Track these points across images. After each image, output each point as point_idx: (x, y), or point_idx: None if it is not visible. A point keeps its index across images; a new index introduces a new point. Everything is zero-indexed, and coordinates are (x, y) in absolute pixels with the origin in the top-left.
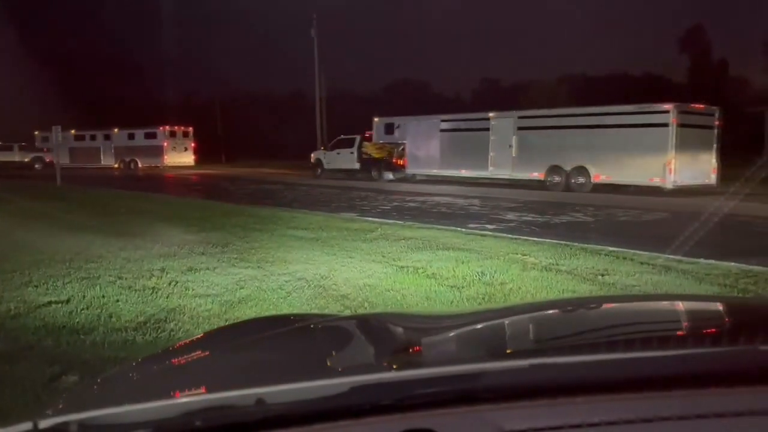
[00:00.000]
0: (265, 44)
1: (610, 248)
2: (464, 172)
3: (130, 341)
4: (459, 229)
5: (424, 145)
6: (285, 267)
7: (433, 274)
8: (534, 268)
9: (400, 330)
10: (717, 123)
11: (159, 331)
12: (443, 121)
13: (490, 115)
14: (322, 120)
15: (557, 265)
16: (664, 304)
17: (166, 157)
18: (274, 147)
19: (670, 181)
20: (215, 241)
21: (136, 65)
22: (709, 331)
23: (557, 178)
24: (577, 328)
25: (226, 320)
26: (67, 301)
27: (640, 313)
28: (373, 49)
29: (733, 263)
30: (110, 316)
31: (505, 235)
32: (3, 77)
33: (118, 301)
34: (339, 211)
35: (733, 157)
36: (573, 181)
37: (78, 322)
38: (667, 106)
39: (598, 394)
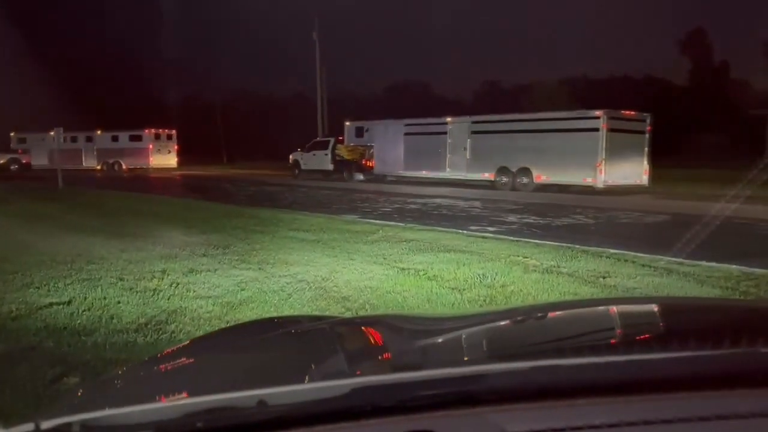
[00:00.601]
0: (268, 46)
1: (612, 250)
2: (425, 173)
3: (132, 343)
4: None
5: (390, 148)
6: (286, 269)
7: (434, 276)
8: (536, 270)
9: (401, 332)
10: (648, 128)
11: (160, 332)
12: (407, 125)
13: (448, 119)
14: (323, 121)
15: (558, 267)
16: (665, 307)
17: (151, 159)
18: (276, 148)
19: (601, 181)
20: (216, 243)
21: (137, 66)
22: (710, 333)
23: (505, 179)
24: (579, 331)
25: (227, 322)
26: (69, 303)
27: (641, 315)
28: (374, 51)
29: (734, 266)
30: (111, 318)
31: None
32: None
33: (119, 302)
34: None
35: (735, 159)
36: (518, 181)
37: (79, 324)
38: (597, 113)
39: (599, 397)
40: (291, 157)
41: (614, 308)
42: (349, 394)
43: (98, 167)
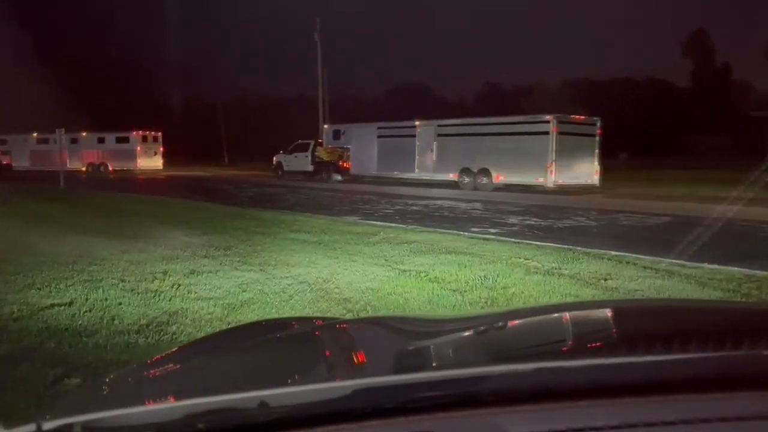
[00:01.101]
0: (270, 48)
1: (613, 252)
2: (396, 174)
3: (133, 344)
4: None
5: (364, 150)
6: (288, 270)
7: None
8: (537, 272)
9: (402, 333)
10: (598, 132)
11: (161, 333)
12: (379, 128)
13: (416, 123)
14: (325, 122)
15: (560, 269)
16: (667, 308)
17: (139, 161)
18: (276, 149)
19: (551, 181)
20: (217, 244)
21: (138, 67)
22: (711, 335)
23: (467, 179)
24: (580, 332)
25: (229, 323)
26: (70, 304)
27: (642, 317)
28: (376, 53)
29: (736, 268)
30: (113, 319)
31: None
32: None
33: (120, 303)
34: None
35: (736, 161)
36: (479, 181)
37: (81, 325)
38: (547, 117)
39: (601, 398)
40: (275, 158)
41: (615, 310)
42: (350, 395)
43: (83, 169)
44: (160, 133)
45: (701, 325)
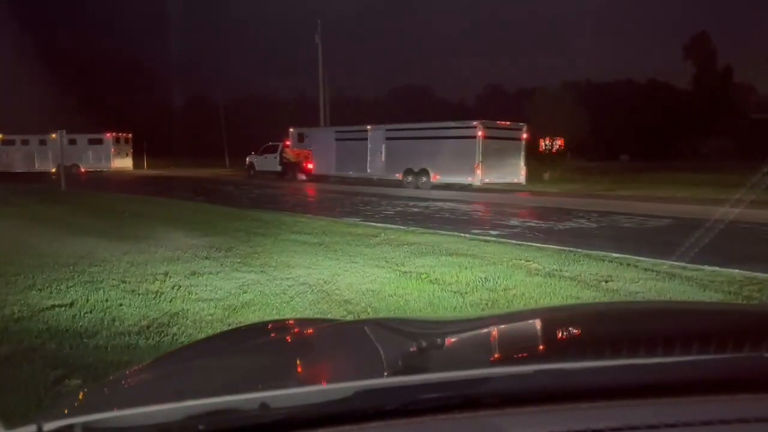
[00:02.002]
0: (272, 48)
1: (614, 254)
2: (351, 174)
3: (134, 345)
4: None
5: (324, 152)
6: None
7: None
8: (538, 274)
9: (403, 335)
10: (524, 136)
11: (162, 335)
12: (337, 131)
13: (368, 127)
14: (326, 123)
15: (560, 271)
16: (668, 311)
17: (113, 162)
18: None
19: (478, 180)
20: (218, 245)
21: (141, 68)
22: (713, 337)
23: (410, 178)
24: (581, 334)
25: (229, 324)
26: (71, 305)
27: (644, 319)
28: (378, 54)
29: (737, 270)
30: (113, 320)
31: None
32: None
33: (121, 304)
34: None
35: (738, 163)
36: (420, 180)
37: (81, 326)
38: (474, 123)
39: (602, 400)
40: (247, 159)
41: (616, 312)
42: (351, 397)
43: (53, 170)
44: (130, 135)
45: (702, 327)
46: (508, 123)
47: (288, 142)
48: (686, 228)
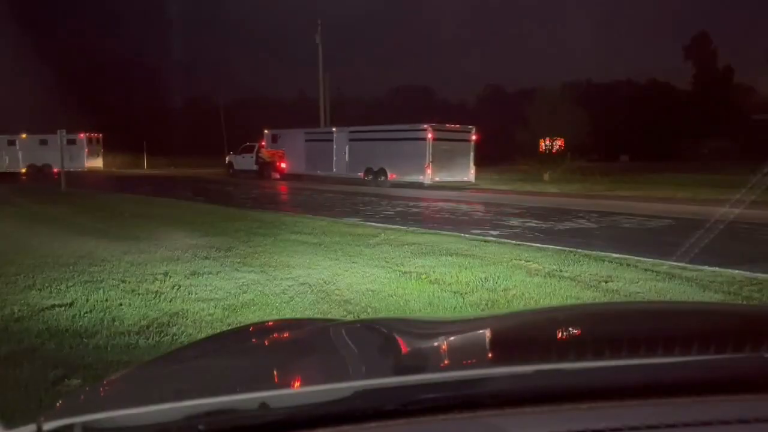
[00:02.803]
0: (272, 49)
1: (614, 255)
2: (319, 173)
3: (133, 345)
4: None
5: (296, 152)
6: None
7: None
8: (538, 274)
9: (403, 335)
10: (473, 138)
11: (162, 335)
12: (306, 133)
13: (333, 129)
14: (326, 123)
15: (560, 271)
16: (668, 311)
17: (86, 162)
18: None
19: (428, 179)
20: (218, 245)
21: (141, 68)
22: (713, 338)
23: (370, 177)
24: (581, 334)
25: (229, 324)
26: (71, 305)
27: (644, 319)
28: (378, 54)
29: (737, 271)
30: (113, 320)
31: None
32: None
33: (121, 304)
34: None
35: (739, 164)
36: (378, 179)
37: (81, 326)
38: (424, 126)
39: (602, 401)
40: (227, 158)
41: (615, 312)
42: (350, 397)
43: (23, 170)
44: (101, 135)
45: (702, 327)
46: (457, 126)
47: (263, 143)
48: (686, 228)
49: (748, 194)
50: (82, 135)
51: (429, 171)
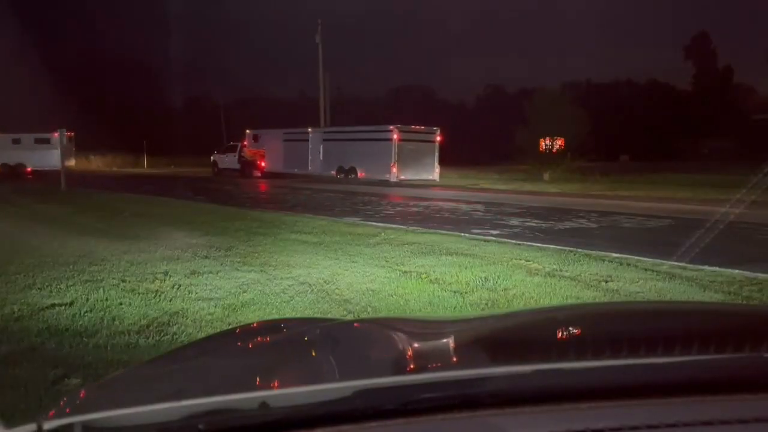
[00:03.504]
0: (273, 48)
1: (615, 254)
2: (296, 171)
3: (133, 344)
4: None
5: (275, 151)
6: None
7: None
8: (538, 274)
9: (403, 334)
10: (437, 139)
11: (162, 334)
12: (285, 133)
13: (309, 130)
14: (326, 123)
15: (560, 270)
16: (668, 311)
17: (65, 161)
18: None
19: (394, 177)
20: (218, 245)
21: (142, 68)
22: (713, 338)
23: (342, 175)
24: (581, 334)
25: (229, 324)
26: (71, 304)
27: (644, 319)
28: (379, 53)
29: (737, 270)
30: (113, 319)
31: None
32: None
33: (121, 304)
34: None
35: (739, 164)
36: (349, 176)
37: (81, 325)
38: (390, 127)
39: (602, 400)
40: (212, 157)
41: (615, 312)
42: (350, 396)
43: None
44: (72, 133)
45: (702, 327)
46: (422, 127)
47: (246, 143)
48: (686, 228)
49: (748, 194)
50: (56, 134)
51: (394, 170)
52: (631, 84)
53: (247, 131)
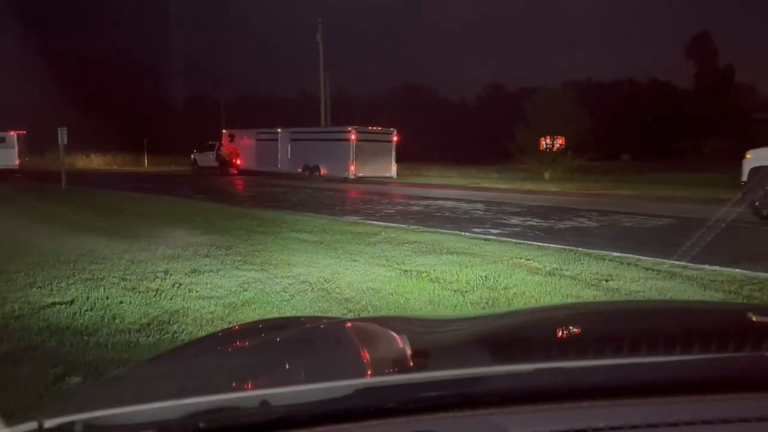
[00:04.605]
0: (273, 47)
1: (615, 253)
2: (267, 168)
3: (134, 343)
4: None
5: (249, 150)
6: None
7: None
8: (538, 273)
9: (404, 333)
10: (394, 139)
11: (162, 333)
12: (258, 133)
13: (279, 130)
14: (327, 122)
15: (561, 269)
16: (669, 310)
17: (17, 160)
18: None
19: (353, 174)
20: (219, 243)
21: (144, 67)
22: (714, 337)
23: (307, 173)
24: (581, 333)
25: (230, 323)
26: (71, 303)
27: (644, 318)
28: (379, 53)
29: (738, 270)
30: (114, 318)
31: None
32: None
33: (121, 302)
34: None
35: (740, 164)
36: (314, 174)
37: (82, 324)
38: (349, 128)
39: (603, 399)
40: (192, 156)
41: (616, 311)
42: (351, 395)
43: None
44: (24, 132)
45: (703, 326)
46: (379, 128)
47: (224, 142)
48: (686, 228)
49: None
50: (12, 132)
51: (353, 167)
52: (633, 83)
53: (224, 131)
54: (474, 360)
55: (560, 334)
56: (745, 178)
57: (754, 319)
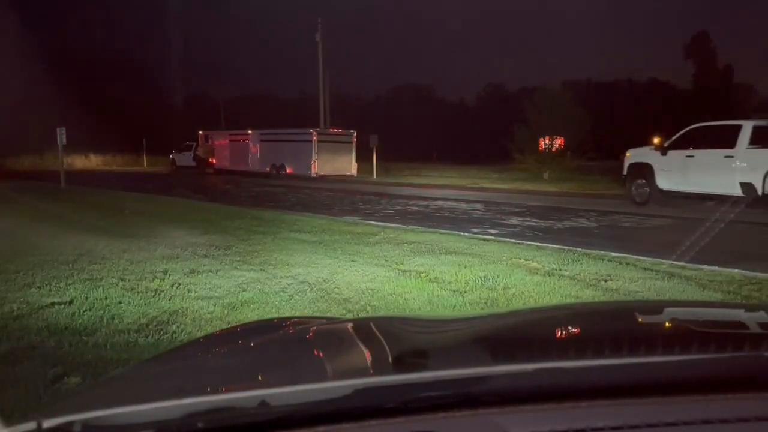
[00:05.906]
0: (273, 47)
1: (614, 254)
2: (240, 167)
3: (133, 343)
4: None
5: (223, 150)
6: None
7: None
8: (537, 273)
9: (403, 333)
10: (354, 140)
11: (161, 333)
12: (230, 134)
13: (249, 132)
14: (326, 122)
15: (560, 269)
16: (668, 310)
17: None
18: None
19: (314, 172)
20: (218, 243)
21: (143, 66)
22: (713, 336)
23: (274, 171)
24: (581, 333)
25: (228, 323)
26: (70, 303)
27: (643, 318)
28: (379, 52)
29: (736, 270)
30: (113, 318)
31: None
32: None
33: (120, 302)
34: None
35: None
36: (280, 172)
37: (80, 324)
38: (311, 130)
39: (602, 399)
40: (171, 156)
41: (615, 311)
42: (350, 395)
43: None
44: None
45: (702, 326)
46: (340, 130)
47: (200, 142)
48: (686, 227)
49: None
50: None
51: (314, 166)
52: (632, 83)
53: (200, 132)
54: (473, 360)
55: (560, 334)
56: (625, 172)
57: (753, 319)
